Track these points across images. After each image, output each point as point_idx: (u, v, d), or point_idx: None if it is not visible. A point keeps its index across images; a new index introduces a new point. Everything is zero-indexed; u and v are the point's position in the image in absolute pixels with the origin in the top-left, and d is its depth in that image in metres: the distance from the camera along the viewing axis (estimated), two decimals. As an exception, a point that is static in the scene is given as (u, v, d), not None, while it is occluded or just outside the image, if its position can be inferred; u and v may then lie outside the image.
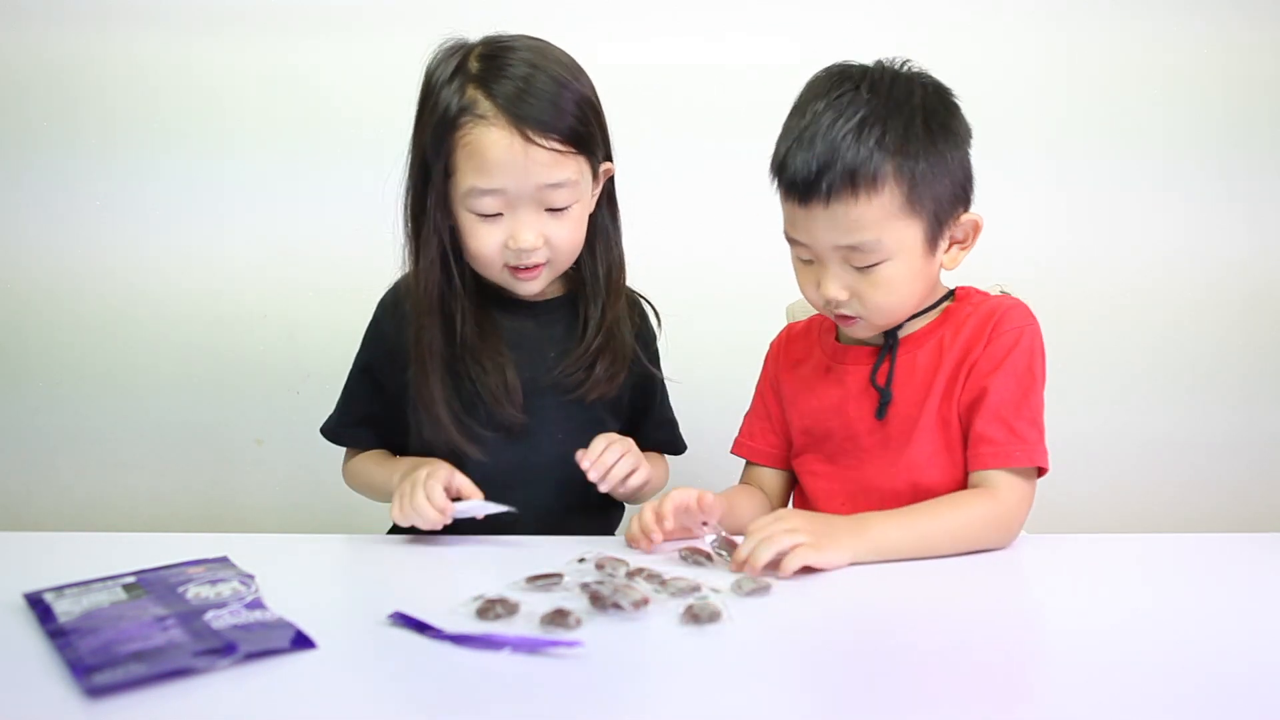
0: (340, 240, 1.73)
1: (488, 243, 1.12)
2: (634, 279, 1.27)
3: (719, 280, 1.73)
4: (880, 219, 0.98)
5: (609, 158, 1.19)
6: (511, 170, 1.07)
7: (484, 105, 1.07)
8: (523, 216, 1.10)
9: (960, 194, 1.04)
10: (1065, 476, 1.67)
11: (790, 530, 0.92)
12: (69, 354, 1.78)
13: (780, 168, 1.03)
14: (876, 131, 0.97)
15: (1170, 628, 0.79)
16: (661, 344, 1.32)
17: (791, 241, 1.06)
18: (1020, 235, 1.73)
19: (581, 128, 1.11)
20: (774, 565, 0.90)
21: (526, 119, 1.06)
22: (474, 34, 1.17)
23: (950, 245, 1.06)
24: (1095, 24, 1.74)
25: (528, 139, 1.06)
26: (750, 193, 1.13)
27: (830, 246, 1.01)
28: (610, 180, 1.21)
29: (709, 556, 0.95)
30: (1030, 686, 0.70)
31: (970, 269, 1.20)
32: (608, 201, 1.22)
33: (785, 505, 1.23)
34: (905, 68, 1.04)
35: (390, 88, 1.20)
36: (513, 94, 1.07)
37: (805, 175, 0.99)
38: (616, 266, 1.23)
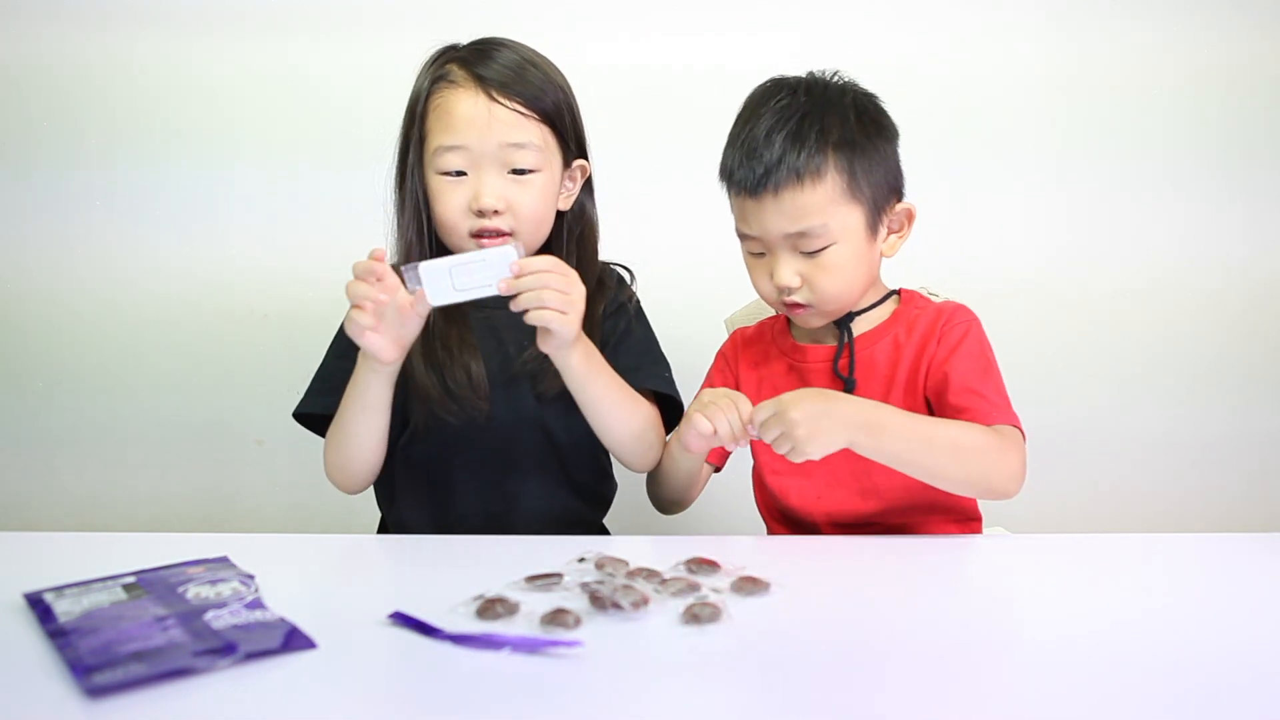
0: (340, 240, 1.71)
1: (452, 203, 1.15)
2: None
3: (717, 280, 1.72)
4: (825, 204, 1.07)
5: (584, 155, 1.22)
6: (475, 125, 1.13)
7: (456, 74, 1.15)
8: (485, 176, 1.14)
9: (894, 184, 1.13)
10: (1064, 476, 1.67)
11: (779, 437, 0.99)
12: (69, 354, 1.78)
13: (730, 172, 1.11)
14: (816, 126, 1.07)
15: (1170, 628, 0.79)
16: (646, 306, 1.29)
17: (743, 237, 1.13)
18: (1021, 236, 1.73)
19: (550, 105, 1.16)
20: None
21: (493, 82, 1.13)
22: (472, 35, 1.18)
23: (888, 234, 1.14)
24: (1097, 27, 1.74)
25: (492, 98, 1.13)
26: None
27: (780, 235, 1.08)
28: (589, 180, 1.24)
29: (714, 565, 0.94)
30: (1029, 686, 0.70)
31: (971, 269, 1.20)
32: (588, 198, 1.25)
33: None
34: (835, 78, 1.14)
35: (390, 88, 1.21)
36: (487, 65, 1.14)
37: (756, 172, 1.07)
38: (590, 259, 1.24)
